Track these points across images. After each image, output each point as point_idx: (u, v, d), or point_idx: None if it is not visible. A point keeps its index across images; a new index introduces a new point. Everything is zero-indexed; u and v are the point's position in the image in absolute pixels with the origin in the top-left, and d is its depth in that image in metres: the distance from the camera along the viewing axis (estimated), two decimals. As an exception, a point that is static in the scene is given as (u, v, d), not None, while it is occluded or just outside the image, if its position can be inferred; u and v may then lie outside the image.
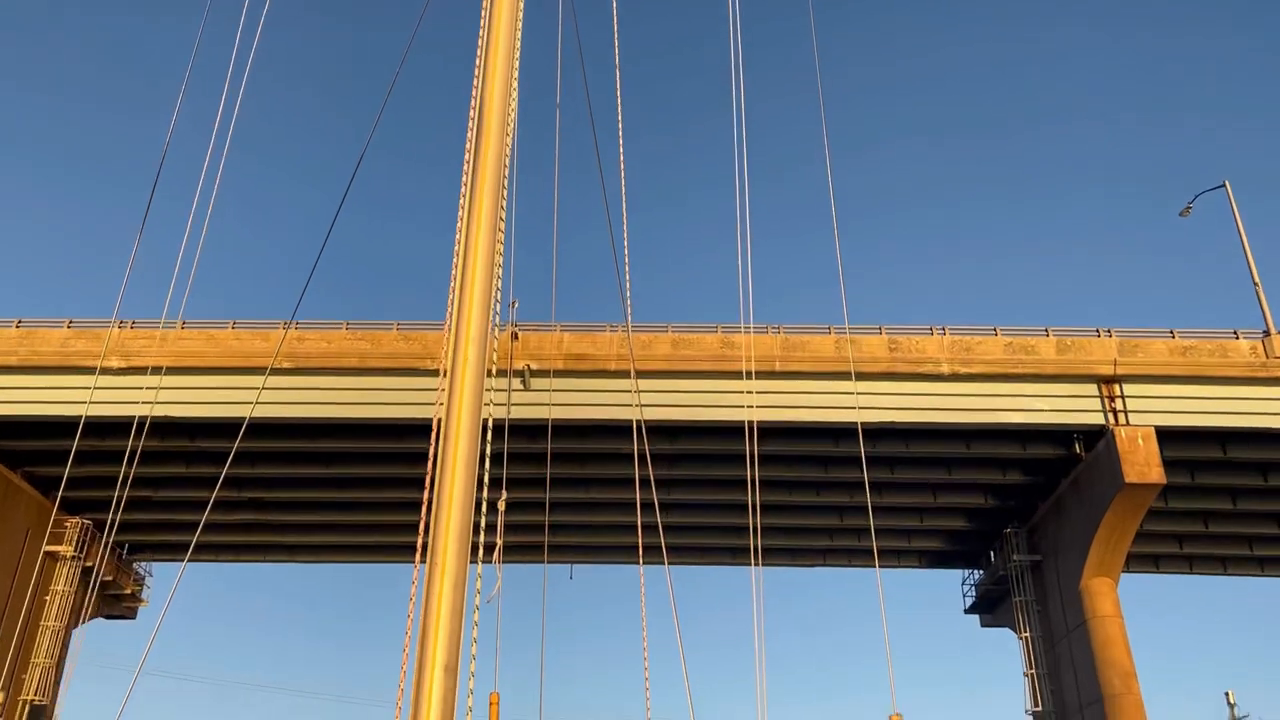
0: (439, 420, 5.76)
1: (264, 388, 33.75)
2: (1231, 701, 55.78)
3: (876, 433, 34.64)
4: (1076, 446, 34.78)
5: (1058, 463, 35.83)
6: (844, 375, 33.55)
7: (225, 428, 34.93)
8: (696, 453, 35.63)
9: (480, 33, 7.14)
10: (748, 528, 41.28)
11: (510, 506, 38.85)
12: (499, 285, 6.39)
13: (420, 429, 34.62)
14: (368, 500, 39.29)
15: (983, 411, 33.53)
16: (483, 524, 6.33)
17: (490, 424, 6.66)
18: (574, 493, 38.33)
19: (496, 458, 34.03)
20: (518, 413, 33.39)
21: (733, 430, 34.39)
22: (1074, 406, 33.47)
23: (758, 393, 33.54)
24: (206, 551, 44.08)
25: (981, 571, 43.44)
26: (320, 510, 40.18)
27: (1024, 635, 37.42)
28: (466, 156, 6.71)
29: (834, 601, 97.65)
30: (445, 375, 6.01)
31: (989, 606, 42.89)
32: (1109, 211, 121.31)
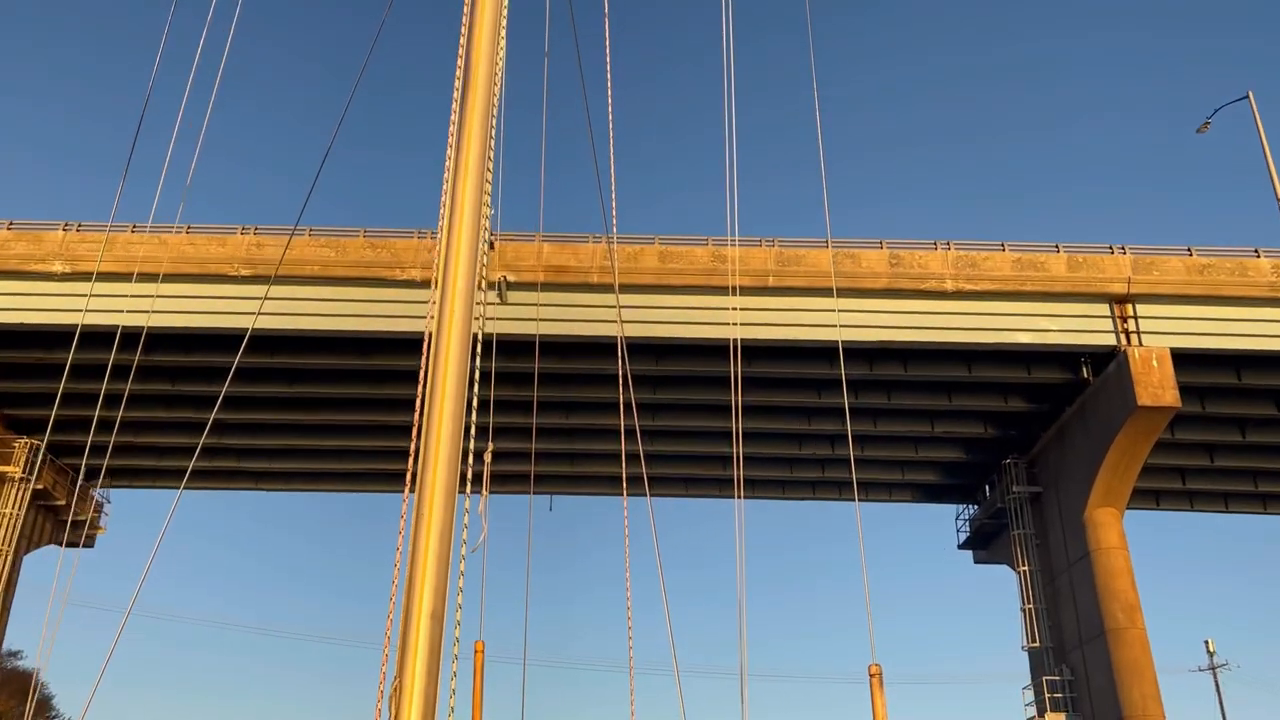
0: (430, 336, 5.76)
1: (219, 296, 31.47)
2: (1211, 650, 55.08)
3: (874, 353, 32.71)
4: (1084, 370, 32.98)
5: (1063, 388, 34.04)
6: (842, 292, 31.52)
7: (180, 340, 32.67)
8: (683, 374, 33.62)
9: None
10: (736, 456, 39.45)
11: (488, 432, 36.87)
12: (490, 190, 6.32)
13: (389, 344, 32.45)
14: (337, 423, 37.19)
15: (988, 331, 31.62)
16: (471, 450, 5.91)
17: (479, 339, 6.58)
18: (555, 418, 36.35)
19: (483, 379, 31.93)
20: (493, 328, 31.20)
21: (722, 350, 32.36)
22: (1085, 327, 31.60)
23: (749, 310, 31.49)
24: (167, 478, 41.99)
25: (976, 506, 41.87)
26: (286, 433, 38.07)
27: (1022, 569, 35.89)
28: (460, 48, 6.62)
29: (825, 538, 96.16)
30: (437, 288, 6.07)
31: (983, 542, 41.35)
32: (1123, 131, 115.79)
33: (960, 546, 42.28)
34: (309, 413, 36.44)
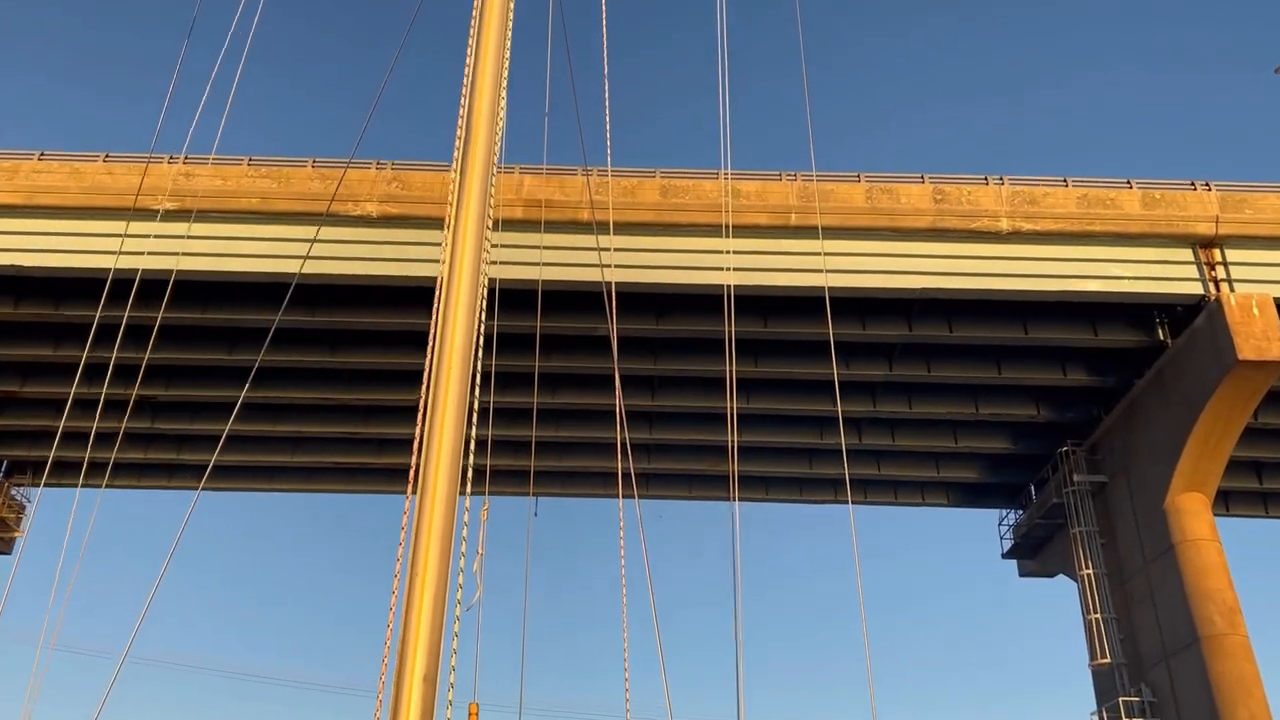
0: (439, 298, 6.11)
1: (139, 235, 26.51)
2: None
3: (913, 307, 27.73)
4: (1160, 331, 28.03)
5: (1133, 356, 29.04)
6: (878, 233, 26.62)
7: (85, 288, 27.69)
8: (690, 336, 28.55)
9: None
10: (747, 448, 34.28)
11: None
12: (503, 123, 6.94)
13: (340, 293, 27.49)
14: (291, 401, 32.02)
15: (1049, 279, 26.69)
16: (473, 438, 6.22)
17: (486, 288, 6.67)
18: (541, 397, 31.22)
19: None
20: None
21: (738, 305, 27.35)
22: (1164, 274, 26.70)
23: (768, 254, 26.60)
24: (91, 475, 36.71)
25: (1021, 511, 36.60)
26: (234, 416, 32.82)
27: (1085, 572, 30.56)
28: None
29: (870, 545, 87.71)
30: (449, 229, 6.40)
31: (1032, 550, 36.00)
32: (1198, 64, 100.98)
33: (1005, 555, 36.92)
34: (265, 389, 31.29)
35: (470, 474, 6.48)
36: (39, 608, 15.76)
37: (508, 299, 25.62)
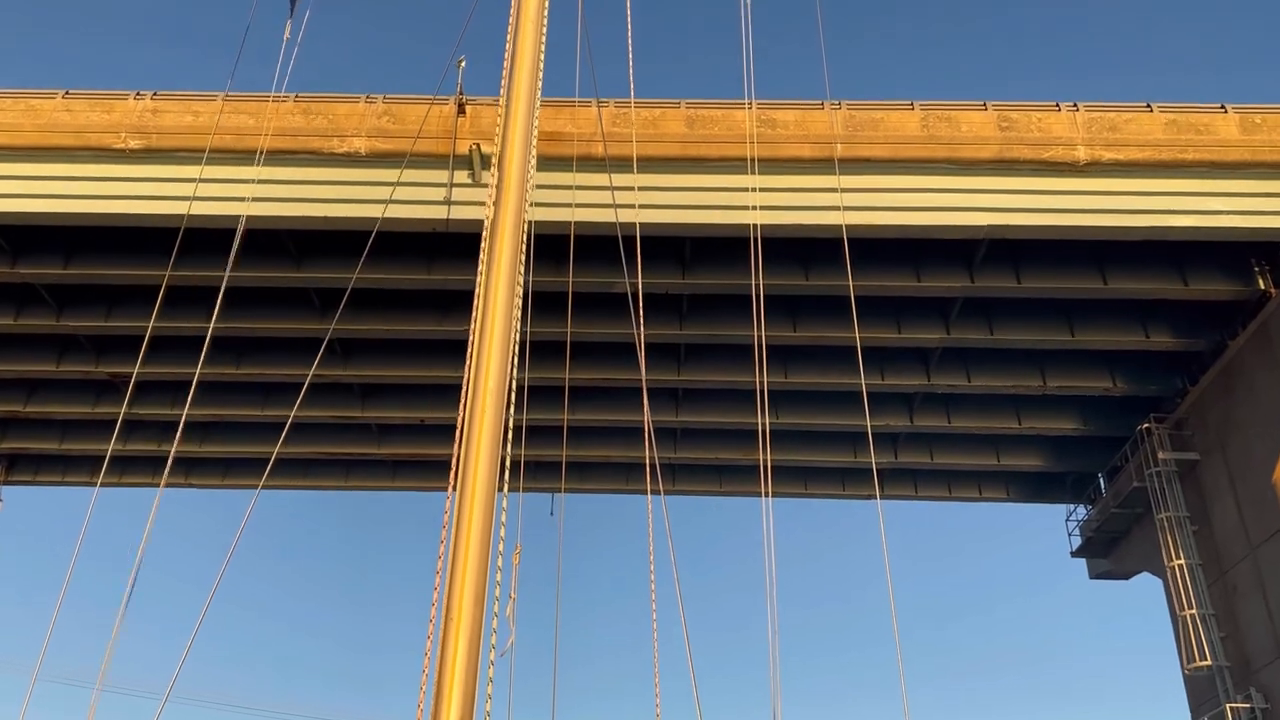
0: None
1: (106, 178, 23.63)
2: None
3: (975, 252, 24.32)
4: (1260, 279, 24.45)
5: (1226, 312, 25.48)
6: (937, 166, 23.29)
7: (55, 239, 24.80)
8: (719, 290, 25.19)
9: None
10: (782, 431, 30.82)
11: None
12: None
13: (325, 239, 24.45)
14: (272, 379, 28.94)
15: (1133, 214, 23.23)
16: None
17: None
18: (549, 370, 27.89)
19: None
20: (462, 214, 23.15)
21: (778, 251, 24.02)
22: (1269, 208, 23.18)
23: (810, 191, 23.32)
24: (69, 470, 33.80)
25: (1090, 507, 32.84)
26: (223, 399, 29.79)
27: (1175, 564, 26.74)
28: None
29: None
30: (494, 171, 7.76)
31: (1105, 546, 32.17)
32: None
33: (1075, 553, 33.07)
34: (252, 365, 28.25)
35: (508, 465, 6.50)
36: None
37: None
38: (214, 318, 21.78)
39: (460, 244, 23.83)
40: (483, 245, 8.37)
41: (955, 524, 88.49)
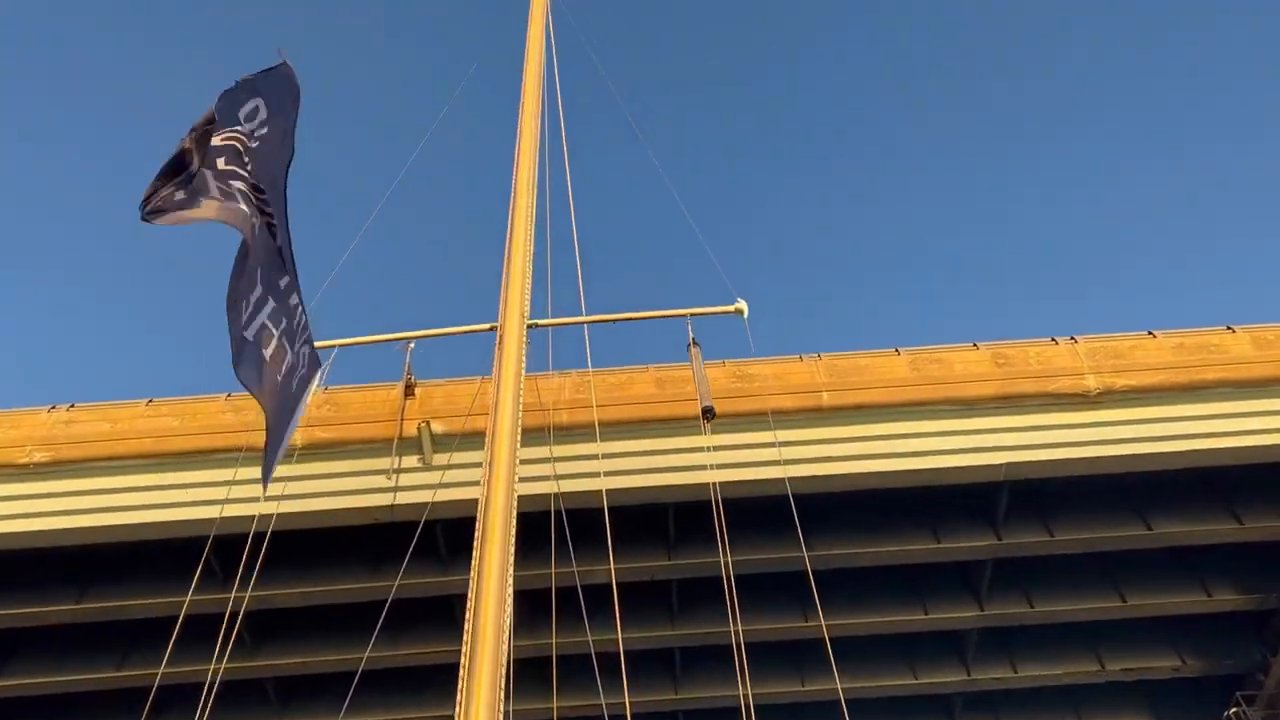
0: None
1: (8, 497, 20.86)
2: None
3: (998, 501, 21.41)
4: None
5: (1294, 556, 22.26)
6: (932, 409, 21.04)
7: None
8: (713, 572, 21.80)
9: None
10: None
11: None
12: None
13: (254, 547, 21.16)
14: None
15: (1162, 441, 20.75)
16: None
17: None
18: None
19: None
20: (408, 499, 20.33)
21: (783, 514, 21.02)
22: (1312, 421, 20.81)
23: (794, 444, 20.85)
24: None
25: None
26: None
27: None
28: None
29: None
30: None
31: None
32: None
33: None
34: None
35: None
36: None
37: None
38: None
39: (405, 538, 20.78)
40: (478, 534, 8.53)
41: None
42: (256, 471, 20.72)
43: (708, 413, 12.36)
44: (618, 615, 12.90)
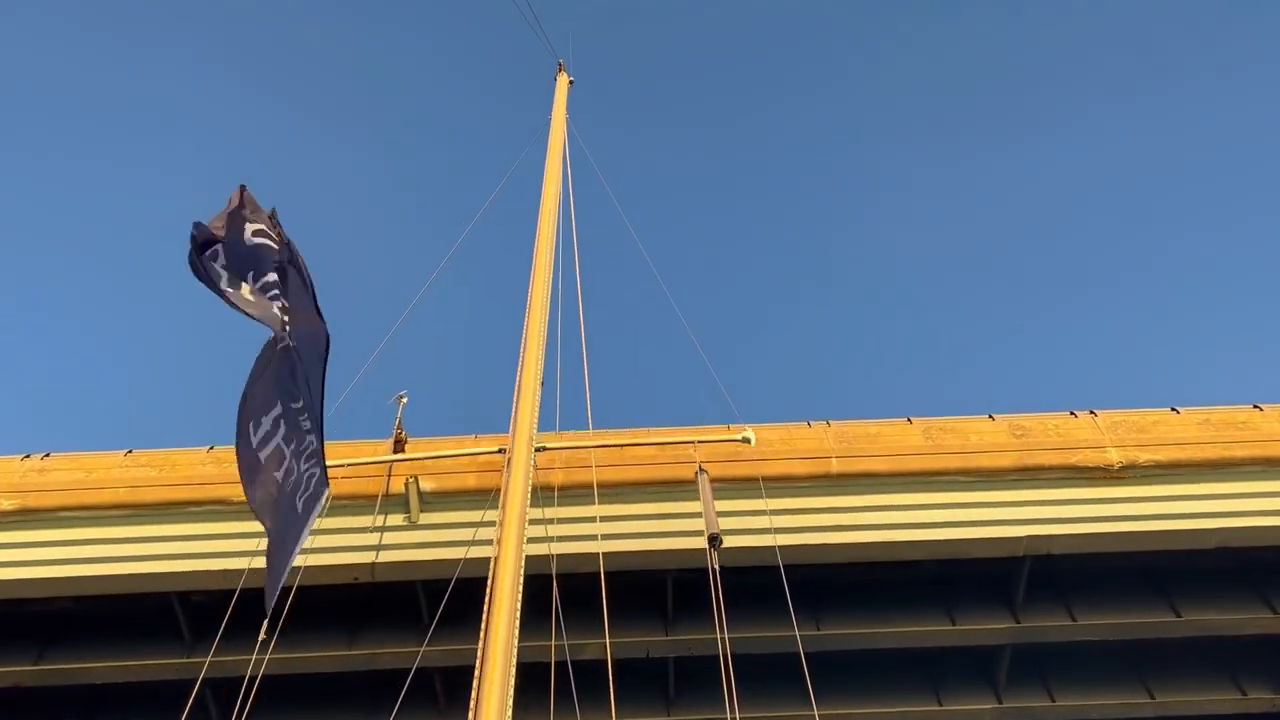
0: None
1: None
2: None
3: (1017, 581, 20.18)
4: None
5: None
6: (946, 479, 20.05)
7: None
8: (712, 649, 20.42)
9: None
10: None
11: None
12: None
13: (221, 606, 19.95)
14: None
15: (1189, 519, 19.66)
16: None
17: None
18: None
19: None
20: (394, 559, 19.22)
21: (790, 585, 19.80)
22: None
23: (797, 513, 19.82)
24: None
25: None
26: None
27: None
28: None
29: None
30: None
31: None
32: None
33: None
34: None
35: None
36: None
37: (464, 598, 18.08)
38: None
39: (385, 603, 19.66)
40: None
41: None
42: (233, 526, 19.87)
43: (714, 540, 12.22)
44: (613, 697, 12.33)
